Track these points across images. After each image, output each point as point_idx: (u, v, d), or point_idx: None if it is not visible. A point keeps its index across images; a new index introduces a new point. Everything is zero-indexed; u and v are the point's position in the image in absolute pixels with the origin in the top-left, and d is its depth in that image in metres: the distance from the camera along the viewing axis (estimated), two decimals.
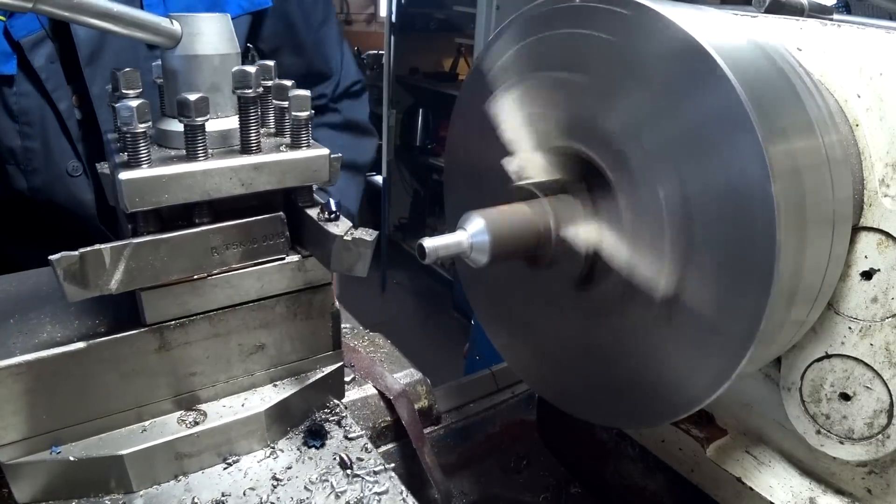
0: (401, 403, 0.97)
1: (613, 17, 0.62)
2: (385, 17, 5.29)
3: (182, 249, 0.64)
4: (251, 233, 0.67)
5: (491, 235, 0.63)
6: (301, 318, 0.74)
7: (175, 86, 0.66)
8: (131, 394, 0.68)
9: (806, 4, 0.81)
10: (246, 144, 0.65)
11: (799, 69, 0.66)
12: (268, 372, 0.75)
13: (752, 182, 0.54)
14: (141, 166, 0.61)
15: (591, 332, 0.73)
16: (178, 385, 0.70)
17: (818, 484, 0.80)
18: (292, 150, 0.67)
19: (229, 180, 0.64)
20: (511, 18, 0.74)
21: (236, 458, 0.72)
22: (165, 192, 0.61)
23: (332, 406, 0.79)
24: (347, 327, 1.08)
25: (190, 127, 0.62)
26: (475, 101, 0.81)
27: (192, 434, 0.69)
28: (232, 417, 0.71)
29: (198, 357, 0.70)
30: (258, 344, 0.72)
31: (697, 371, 0.62)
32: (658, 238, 0.62)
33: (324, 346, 0.77)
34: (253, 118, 0.64)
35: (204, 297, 0.67)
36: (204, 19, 0.65)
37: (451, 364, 3.75)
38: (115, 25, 0.60)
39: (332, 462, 0.72)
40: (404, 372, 1.00)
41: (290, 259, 0.70)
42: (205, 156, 0.63)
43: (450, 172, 0.93)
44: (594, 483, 1.10)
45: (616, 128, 0.64)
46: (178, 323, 0.67)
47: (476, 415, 1.21)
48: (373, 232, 0.63)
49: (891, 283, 0.65)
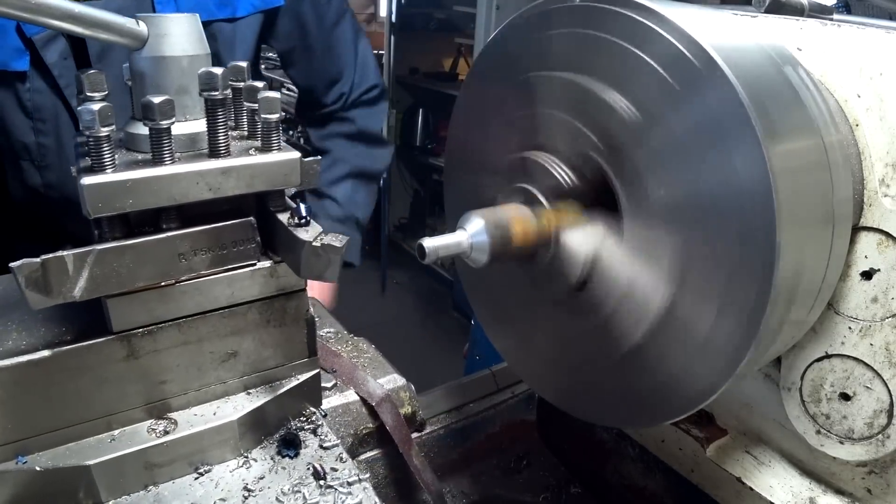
0: (384, 408, 0.95)
1: (613, 17, 0.62)
2: (385, 16, 5.28)
3: (148, 256, 0.62)
4: (220, 238, 0.66)
5: (491, 236, 0.64)
6: (274, 325, 0.72)
7: (142, 88, 0.65)
8: (99, 402, 0.67)
9: (806, 4, 0.81)
10: (214, 148, 0.63)
11: (799, 69, 0.65)
12: (241, 380, 0.73)
13: (752, 182, 0.54)
14: (105, 171, 0.59)
15: (590, 332, 0.73)
16: (148, 393, 0.69)
17: (818, 484, 0.80)
18: (262, 154, 0.65)
19: (196, 185, 0.62)
20: (512, 17, 0.74)
21: (208, 468, 0.71)
22: (130, 198, 0.60)
23: (309, 414, 0.78)
24: (332, 332, 1.06)
25: (155, 130, 0.60)
26: (475, 100, 0.81)
27: (161, 443, 0.68)
28: (203, 426, 0.70)
29: (168, 365, 0.68)
30: (230, 351, 0.71)
31: (697, 371, 0.62)
32: (658, 238, 0.62)
33: (299, 353, 0.76)
34: (221, 121, 0.63)
35: (172, 305, 0.66)
36: (172, 20, 0.64)
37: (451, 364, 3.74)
38: (77, 27, 0.59)
39: (306, 472, 0.70)
40: (387, 377, 0.98)
41: (261, 265, 0.69)
42: (171, 160, 0.62)
43: (450, 172, 0.94)
44: (594, 483, 1.10)
45: (616, 128, 0.64)
46: (147, 331, 0.66)
47: (476, 415, 1.21)
48: (343, 238, 0.61)
49: (891, 283, 0.65)
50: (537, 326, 0.82)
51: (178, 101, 0.64)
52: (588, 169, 0.68)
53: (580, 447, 1.10)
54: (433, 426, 1.22)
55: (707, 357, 0.61)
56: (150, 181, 0.60)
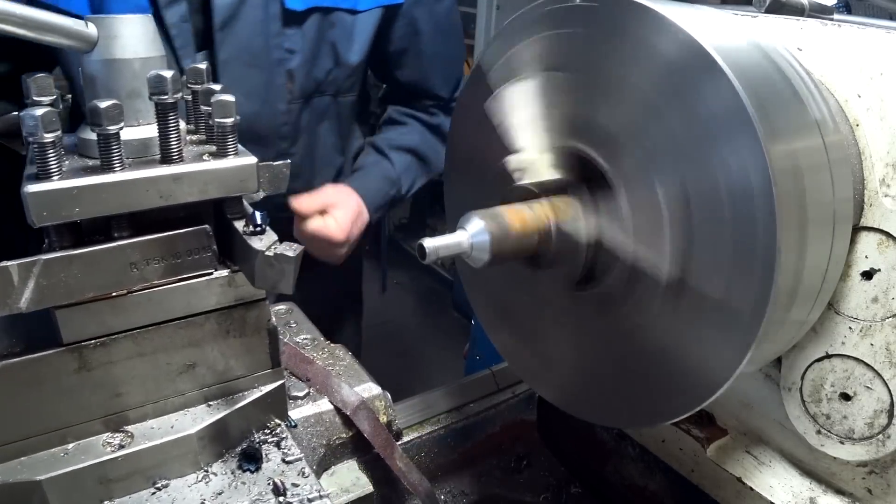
0: (359, 416, 0.93)
1: (614, 18, 0.63)
2: None
3: (98, 265, 0.60)
4: (174, 247, 0.64)
5: (491, 235, 0.64)
6: (234, 336, 0.70)
7: (93, 92, 0.63)
8: (52, 416, 0.65)
9: (806, 4, 0.82)
10: (166, 154, 0.61)
11: (799, 69, 0.65)
12: (201, 391, 0.71)
13: (752, 182, 0.54)
14: (51, 178, 0.57)
15: (591, 332, 0.74)
16: (103, 406, 0.67)
17: (818, 484, 0.81)
18: (217, 159, 0.63)
19: (146, 192, 0.60)
20: (512, 18, 0.75)
21: (166, 483, 0.68)
22: (76, 206, 0.58)
23: (273, 426, 0.76)
24: (308, 338, 1.04)
25: (102, 136, 0.58)
26: (476, 100, 0.81)
27: (117, 457, 0.66)
28: (161, 439, 0.68)
29: (122, 377, 0.66)
30: (188, 363, 0.69)
31: (698, 371, 0.62)
32: (658, 238, 0.62)
33: (261, 363, 0.73)
34: (172, 126, 0.60)
35: (125, 315, 0.64)
36: (123, 21, 0.62)
37: (451, 364, 3.73)
38: (20, 29, 0.57)
39: (266, 488, 0.68)
40: (363, 386, 0.96)
41: (218, 274, 0.67)
42: (121, 166, 0.60)
43: (450, 172, 0.94)
44: (594, 483, 1.11)
45: (616, 128, 0.64)
46: (99, 342, 0.64)
47: (476, 415, 1.21)
48: (297, 247, 0.59)
49: (891, 283, 0.65)
50: (539, 326, 0.83)
51: (129, 106, 0.63)
52: (589, 169, 0.68)
53: (580, 447, 1.11)
54: (433, 426, 1.22)
55: (708, 357, 0.61)
56: (97, 189, 0.58)
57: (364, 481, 0.88)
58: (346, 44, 1.32)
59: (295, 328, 1.05)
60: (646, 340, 0.67)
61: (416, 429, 1.22)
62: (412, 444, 1.19)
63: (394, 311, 5.21)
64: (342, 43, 1.31)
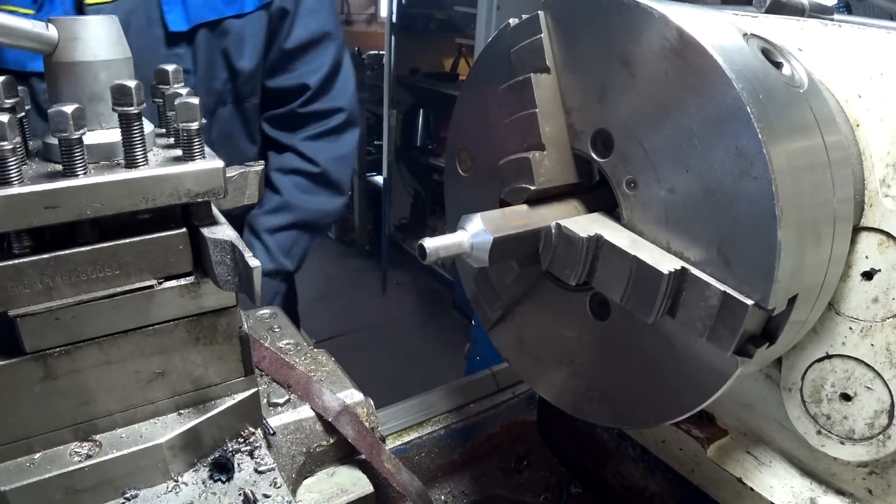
0: (342, 421, 0.91)
1: (614, 18, 0.63)
2: (385, 17, 5.25)
3: (60, 272, 0.59)
4: (141, 252, 0.62)
5: (492, 236, 0.64)
6: (204, 343, 0.69)
7: (55, 95, 0.62)
8: (17, 425, 0.64)
9: (806, 5, 0.82)
10: (130, 159, 0.60)
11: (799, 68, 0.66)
12: (172, 400, 0.70)
13: (752, 182, 0.54)
14: (11, 184, 0.56)
15: (592, 334, 0.74)
16: (71, 415, 0.66)
17: (819, 484, 0.81)
18: (182, 164, 0.62)
19: (110, 197, 0.59)
20: (512, 17, 0.74)
21: (135, 493, 0.67)
22: (37, 211, 0.57)
23: (247, 435, 0.74)
24: (291, 343, 1.02)
25: (65, 141, 0.57)
26: (476, 100, 0.81)
27: (84, 467, 0.65)
28: (130, 449, 0.66)
29: (89, 386, 0.65)
30: (157, 371, 0.68)
31: (698, 372, 0.62)
32: (658, 238, 0.62)
33: (233, 371, 0.72)
34: (137, 132, 0.59)
35: (90, 323, 0.63)
36: (85, 23, 0.60)
37: (451, 364, 3.72)
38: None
39: (237, 498, 0.67)
40: (345, 392, 0.95)
41: (186, 280, 0.65)
42: (84, 171, 0.58)
43: (450, 172, 0.94)
44: (594, 483, 1.11)
45: (616, 128, 0.64)
46: (63, 350, 0.62)
47: (477, 415, 1.21)
48: (255, 260, 0.58)
49: (891, 284, 0.65)
50: (540, 326, 0.82)
51: (92, 109, 0.61)
52: (589, 169, 0.68)
53: (580, 447, 1.11)
54: (433, 426, 1.21)
55: (708, 357, 0.61)
56: (58, 194, 0.57)
57: (364, 481, 0.86)
58: (239, 50, 1.32)
59: (278, 333, 1.04)
60: (646, 341, 0.66)
61: (416, 429, 1.21)
62: (412, 445, 1.18)
63: (394, 311, 5.21)
64: (235, 50, 1.31)
